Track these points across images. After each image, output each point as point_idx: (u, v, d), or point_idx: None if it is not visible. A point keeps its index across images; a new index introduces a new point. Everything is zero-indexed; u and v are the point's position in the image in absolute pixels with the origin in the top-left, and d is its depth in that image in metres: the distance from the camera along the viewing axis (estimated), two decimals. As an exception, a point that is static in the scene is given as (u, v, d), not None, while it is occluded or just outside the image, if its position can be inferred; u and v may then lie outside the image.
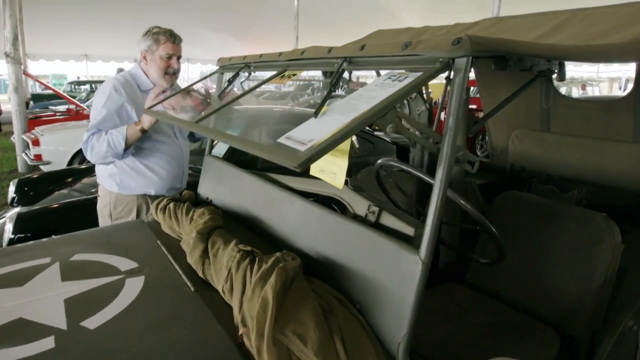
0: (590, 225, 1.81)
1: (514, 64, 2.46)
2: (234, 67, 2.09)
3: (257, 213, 1.84)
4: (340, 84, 1.53)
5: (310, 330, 1.10)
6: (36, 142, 6.79)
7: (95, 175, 2.69)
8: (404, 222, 1.29)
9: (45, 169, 6.77)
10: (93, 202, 2.68)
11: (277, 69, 1.82)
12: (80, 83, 18.42)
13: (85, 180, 4.36)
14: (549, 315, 1.85)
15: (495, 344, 1.67)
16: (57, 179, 4.55)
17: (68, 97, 10.52)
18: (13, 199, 4.29)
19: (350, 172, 1.26)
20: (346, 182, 1.50)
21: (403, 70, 1.18)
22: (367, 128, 6.15)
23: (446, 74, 1.11)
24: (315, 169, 1.24)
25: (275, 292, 1.16)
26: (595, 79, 18.88)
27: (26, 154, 7.28)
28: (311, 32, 15.19)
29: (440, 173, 1.07)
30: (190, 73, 22.62)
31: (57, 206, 3.42)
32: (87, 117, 7.68)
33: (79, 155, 6.96)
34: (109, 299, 1.36)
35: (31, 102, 14.28)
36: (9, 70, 8.19)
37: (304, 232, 1.54)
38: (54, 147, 6.92)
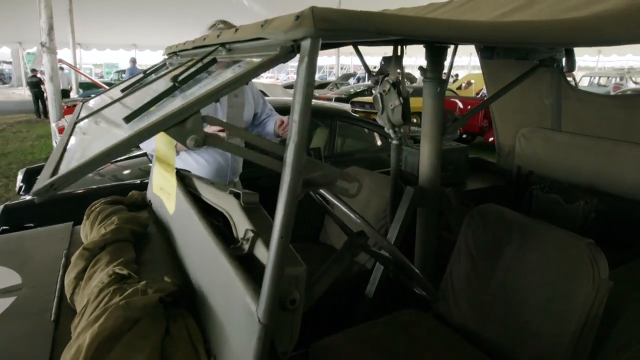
0: (570, 253, 1.45)
1: (503, 52, 2.10)
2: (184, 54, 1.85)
3: (172, 224, 1.62)
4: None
5: (122, 395, 0.87)
6: (62, 130, 6.94)
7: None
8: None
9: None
10: (87, 195, 2.52)
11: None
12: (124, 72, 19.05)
13: (110, 168, 4.29)
14: None
15: None
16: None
17: (104, 85, 10.80)
18: (21, 187, 4.33)
19: None
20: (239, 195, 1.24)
21: (254, 59, 0.90)
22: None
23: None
24: (156, 186, 1.00)
25: (94, 341, 0.93)
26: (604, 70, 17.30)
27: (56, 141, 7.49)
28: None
29: (281, 203, 0.79)
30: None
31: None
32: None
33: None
34: None
35: (73, 90, 14.88)
36: (44, 60, 8.44)
37: (191, 255, 1.31)
38: (79, 136, 7.04)
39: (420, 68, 1.99)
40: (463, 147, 2.88)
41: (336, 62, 21.83)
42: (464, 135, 9.85)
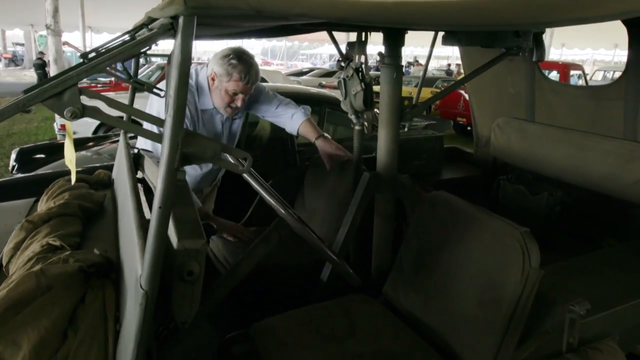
0: (505, 242, 1.46)
1: (465, 39, 2.09)
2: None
3: (119, 202, 1.65)
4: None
5: (19, 358, 0.91)
6: (62, 112, 7.01)
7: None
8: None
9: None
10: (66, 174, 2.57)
11: None
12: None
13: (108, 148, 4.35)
14: (454, 348, 1.54)
15: None
16: (61, 149, 4.63)
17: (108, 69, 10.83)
18: (13, 167, 4.42)
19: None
20: None
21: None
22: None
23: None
24: (66, 159, 1.03)
25: (2, 305, 0.97)
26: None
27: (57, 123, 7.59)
28: None
29: (160, 176, 0.81)
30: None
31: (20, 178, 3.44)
32: (126, 89, 7.86)
33: (103, 126, 7.13)
34: None
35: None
36: (49, 42, 8.53)
37: (121, 229, 1.34)
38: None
39: (380, 54, 1.98)
40: (438, 136, 2.88)
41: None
42: (469, 128, 9.78)
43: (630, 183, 2.08)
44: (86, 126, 7.02)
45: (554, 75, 10.41)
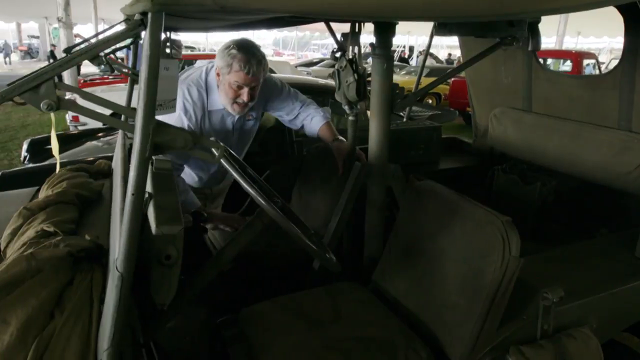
0: (486, 230, 1.48)
1: (456, 29, 2.10)
2: None
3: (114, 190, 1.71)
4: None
5: (7, 334, 0.97)
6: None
7: None
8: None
9: (82, 130, 7.13)
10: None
11: None
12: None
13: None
14: (437, 334, 1.58)
15: None
16: (71, 140, 4.74)
17: (118, 61, 10.98)
18: (25, 157, 4.53)
19: None
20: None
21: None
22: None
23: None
24: (53, 148, 1.08)
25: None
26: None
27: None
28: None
29: (133, 164, 0.86)
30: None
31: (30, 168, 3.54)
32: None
33: (114, 115, 7.24)
34: None
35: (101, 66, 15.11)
36: (60, 35, 8.67)
37: (114, 215, 1.40)
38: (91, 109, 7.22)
39: (371, 44, 2.00)
40: (435, 126, 2.89)
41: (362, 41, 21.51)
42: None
43: (623, 173, 2.08)
44: (97, 117, 7.12)
45: (567, 64, 10.25)
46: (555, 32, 14.69)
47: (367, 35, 2.19)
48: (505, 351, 1.24)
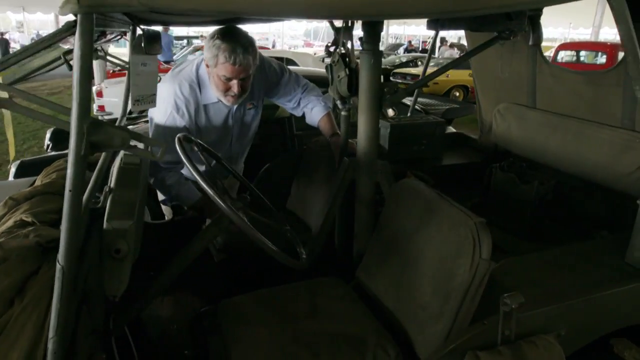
0: (459, 231, 1.45)
1: (448, 24, 2.04)
2: None
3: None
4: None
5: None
6: (100, 94, 7.35)
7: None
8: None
9: (108, 120, 7.35)
10: None
11: None
12: (178, 38, 19.47)
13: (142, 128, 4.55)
14: (409, 334, 1.56)
15: (308, 359, 1.45)
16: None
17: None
18: (48, 145, 4.72)
19: None
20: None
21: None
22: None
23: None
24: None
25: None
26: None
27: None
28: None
29: (69, 162, 0.88)
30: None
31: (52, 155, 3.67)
32: (163, 71, 8.10)
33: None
34: None
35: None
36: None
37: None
38: (116, 99, 7.42)
39: (360, 39, 1.97)
40: (438, 121, 2.83)
41: (385, 31, 21.28)
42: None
43: (624, 174, 1.99)
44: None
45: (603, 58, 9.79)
46: (591, 24, 14.05)
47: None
48: (462, 356, 1.22)
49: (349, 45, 2.05)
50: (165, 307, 2.10)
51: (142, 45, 1.46)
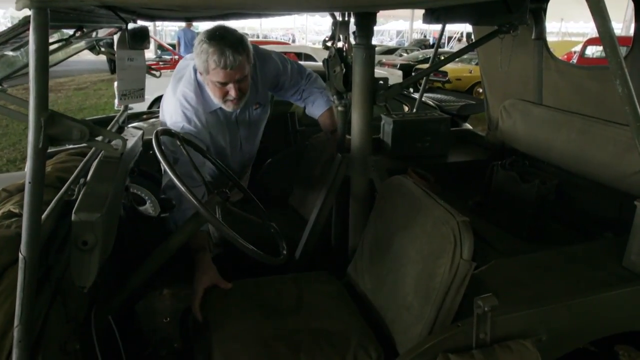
0: (442, 230, 1.42)
1: (444, 17, 2.00)
2: None
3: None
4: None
5: None
6: (120, 89, 7.48)
7: None
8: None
9: (129, 114, 7.47)
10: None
11: None
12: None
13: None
14: (392, 333, 1.54)
15: (288, 356, 1.44)
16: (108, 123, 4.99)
17: (169, 47, 11.44)
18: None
19: None
20: None
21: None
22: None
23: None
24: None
25: None
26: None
27: (118, 99, 8.13)
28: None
29: (29, 156, 0.89)
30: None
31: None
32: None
33: (157, 102, 7.57)
34: None
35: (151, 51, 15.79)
36: (113, 22, 9.08)
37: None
38: (137, 93, 7.54)
39: (353, 34, 1.95)
40: (443, 117, 2.78)
41: (409, 27, 21.03)
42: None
43: (629, 173, 1.91)
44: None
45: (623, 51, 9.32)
46: (622, 18, 13.53)
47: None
48: (434, 358, 1.19)
49: (352, 40, 2.01)
50: (161, 301, 2.13)
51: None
